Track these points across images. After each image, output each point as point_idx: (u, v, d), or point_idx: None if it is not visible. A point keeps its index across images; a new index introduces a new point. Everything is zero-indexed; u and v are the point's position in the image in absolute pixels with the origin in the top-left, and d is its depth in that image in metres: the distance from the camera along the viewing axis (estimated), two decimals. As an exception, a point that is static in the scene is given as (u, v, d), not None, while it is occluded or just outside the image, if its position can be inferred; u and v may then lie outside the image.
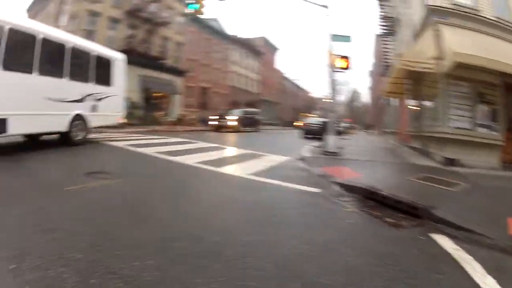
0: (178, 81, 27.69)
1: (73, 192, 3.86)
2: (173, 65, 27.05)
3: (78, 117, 8.40)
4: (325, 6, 9.89)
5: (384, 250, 2.69)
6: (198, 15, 26.40)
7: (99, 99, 9.33)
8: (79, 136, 8.51)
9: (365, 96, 70.65)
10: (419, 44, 10.26)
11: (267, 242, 2.65)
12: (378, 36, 29.67)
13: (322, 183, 5.24)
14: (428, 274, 2.33)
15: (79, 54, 8.40)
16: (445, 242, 2.97)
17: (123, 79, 10.86)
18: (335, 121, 9.93)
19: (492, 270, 2.43)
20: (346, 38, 9.97)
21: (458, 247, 2.84)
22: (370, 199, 4.28)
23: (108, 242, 2.47)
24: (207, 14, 17.74)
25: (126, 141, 9.93)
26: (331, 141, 9.35)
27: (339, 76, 46.02)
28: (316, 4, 9.92)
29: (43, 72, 7.00)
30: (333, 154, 9.02)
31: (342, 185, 4.94)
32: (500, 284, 2.23)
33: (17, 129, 6.39)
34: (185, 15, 27.89)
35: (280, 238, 2.76)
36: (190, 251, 2.40)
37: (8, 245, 2.28)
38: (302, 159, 8.14)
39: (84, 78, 8.69)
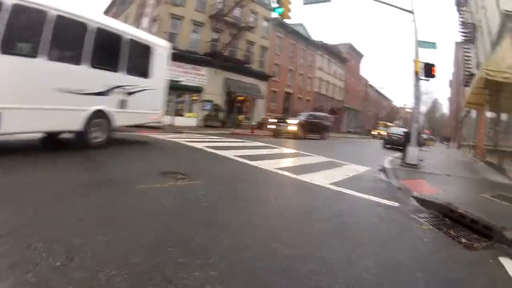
0: (262, 85, 28.16)
1: (144, 191, 3.79)
2: (258, 69, 27.65)
3: (100, 114, 6.84)
4: (411, 12, 9.73)
5: (456, 275, 2.56)
6: (283, 20, 26.86)
7: (131, 93, 7.74)
8: (99, 138, 6.89)
9: (445, 107, 68.54)
10: (499, 52, 9.54)
11: (339, 260, 2.47)
12: (458, 43, 28.74)
13: (400, 197, 5.10)
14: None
15: (106, 37, 6.90)
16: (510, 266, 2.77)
17: (165, 70, 9.31)
18: (417, 132, 9.68)
19: None
20: (432, 45, 9.99)
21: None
22: (447, 216, 4.18)
23: (171, 247, 2.28)
24: (292, 19, 17.49)
25: (206, 143, 10.06)
26: (412, 152, 9.11)
27: (423, 85, 42.22)
28: (402, 9, 9.82)
29: (54, 56, 5.67)
30: (413, 166, 8.81)
31: (419, 200, 4.85)
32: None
33: (12, 126, 5.11)
34: (270, 20, 28.46)
35: (353, 255, 2.59)
36: (257, 264, 2.22)
37: (63, 241, 2.16)
38: (382, 170, 8.05)
39: (112, 66, 7.16)
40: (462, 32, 18.35)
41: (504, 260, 2.90)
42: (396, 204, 4.52)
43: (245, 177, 5.57)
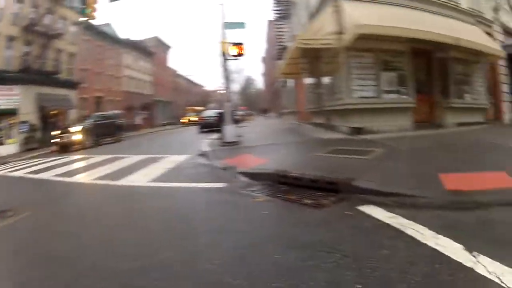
0: (72, 94, 25.87)
1: None
2: (67, 78, 25.01)
3: None
4: None
5: (313, 238, 2.37)
6: (89, 20, 24.36)
7: None
8: None
9: (259, 83, 72.12)
10: (317, 23, 10.38)
11: (182, 258, 2.31)
12: (271, 21, 30.11)
13: (227, 177, 4.92)
14: (373, 253, 2.06)
15: None
16: (377, 212, 2.74)
17: None
18: (230, 111, 9.70)
19: (441, 229, 2.25)
20: (240, 25, 9.86)
21: (394, 214, 2.62)
22: (282, 183, 3.92)
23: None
24: (100, 19, 16.27)
25: (26, 169, 9.11)
26: (229, 131, 9.12)
27: (232, 65, 47.67)
28: None
29: None
30: (233, 144, 8.83)
31: (247, 175, 4.62)
32: (456, 241, 2.06)
33: None
34: (78, 23, 25.34)
35: (196, 249, 2.45)
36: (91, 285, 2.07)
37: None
38: (202, 154, 7.87)
39: None
40: (277, 10, 20.22)
41: (364, 208, 2.84)
42: (225, 185, 4.38)
43: (67, 196, 5.23)
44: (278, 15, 21.07)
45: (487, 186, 3.07)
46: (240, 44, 9.35)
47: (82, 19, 25.22)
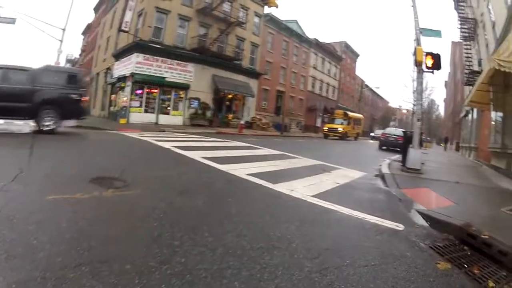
0: (252, 83, 26.99)
1: (53, 203, 2.93)
2: (248, 67, 26.54)
3: None
4: None
5: None
6: (271, 6, 25.92)
7: None
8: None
9: (441, 108, 67.67)
10: (507, 45, 8.41)
11: None
12: (455, 43, 28.77)
13: (403, 212, 4.09)
14: None
15: None
16: None
17: None
18: (419, 132, 8.71)
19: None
20: (436, 33, 9.19)
21: None
22: (466, 243, 3.20)
23: None
24: (286, 15, 16.52)
25: (177, 142, 9.14)
26: (414, 155, 8.09)
27: (425, 80, 41.71)
28: None
29: None
30: (415, 171, 7.85)
31: (428, 217, 3.85)
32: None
33: None
34: (261, 15, 27.41)
35: None
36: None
37: None
38: (380, 175, 7.06)
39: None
40: (462, 28, 17.66)
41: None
42: (401, 227, 3.43)
43: (201, 185, 4.42)
44: (464, 35, 17.87)
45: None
46: (438, 55, 8.19)
47: (264, 4, 27.09)
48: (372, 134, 43.29)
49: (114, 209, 3.04)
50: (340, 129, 27.12)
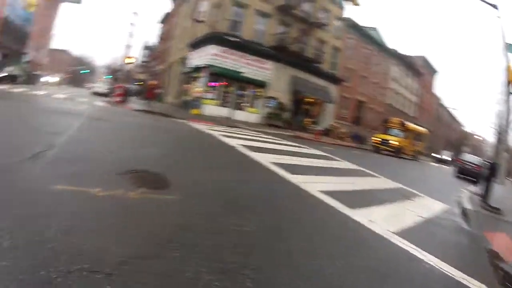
0: (332, 88, 25.56)
1: (61, 196, 2.41)
2: (329, 71, 25.13)
3: None
4: (494, 6, 7.80)
5: None
6: (353, 4, 23.65)
7: None
8: None
9: None
10: None
11: None
12: None
13: (487, 269, 3.20)
14: None
15: None
16: None
17: None
18: (505, 165, 7.63)
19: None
20: None
21: None
22: None
23: None
24: (366, 22, 14.57)
25: (246, 141, 8.55)
26: (498, 192, 7.03)
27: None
28: (484, 1, 7.89)
29: None
30: (496, 210, 6.72)
31: None
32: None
33: None
34: (342, 19, 25.41)
35: None
36: None
37: None
38: (463, 212, 5.94)
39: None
40: None
41: None
42: None
43: (262, 199, 3.66)
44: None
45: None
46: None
47: (346, 3, 25.13)
48: (439, 156, 37.55)
49: (126, 220, 2.12)
50: (392, 142, 20.87)
